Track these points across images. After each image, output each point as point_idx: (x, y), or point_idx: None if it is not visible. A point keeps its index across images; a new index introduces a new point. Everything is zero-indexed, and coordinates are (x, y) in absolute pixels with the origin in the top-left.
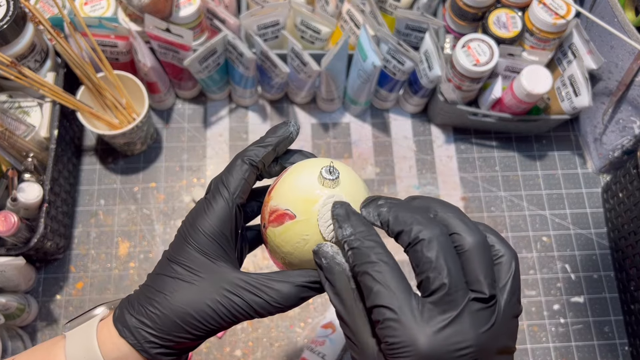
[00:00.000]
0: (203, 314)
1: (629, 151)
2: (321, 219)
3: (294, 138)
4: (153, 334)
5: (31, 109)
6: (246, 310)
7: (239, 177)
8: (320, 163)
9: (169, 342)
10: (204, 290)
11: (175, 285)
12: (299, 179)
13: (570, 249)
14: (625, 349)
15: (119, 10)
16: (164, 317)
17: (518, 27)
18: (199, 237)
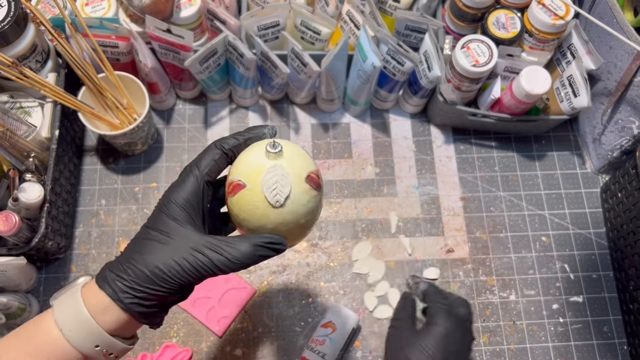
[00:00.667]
0: (170, 268)
1: (627, 151)
2: (265, 186)
3: (265, 139)
4: (127, 285)
5: (32, 109)
6: (208, 266)
7: (210, 158)
8: (269, 141)
9: (141, 293)
10: (173, 249)
11: (149, 245)
12: (249, 154)
13: (569, 248)
14: (624, 349)
15: (119, 11)
16: (137, 271)
17: (517, 27)
18: (171, 206)
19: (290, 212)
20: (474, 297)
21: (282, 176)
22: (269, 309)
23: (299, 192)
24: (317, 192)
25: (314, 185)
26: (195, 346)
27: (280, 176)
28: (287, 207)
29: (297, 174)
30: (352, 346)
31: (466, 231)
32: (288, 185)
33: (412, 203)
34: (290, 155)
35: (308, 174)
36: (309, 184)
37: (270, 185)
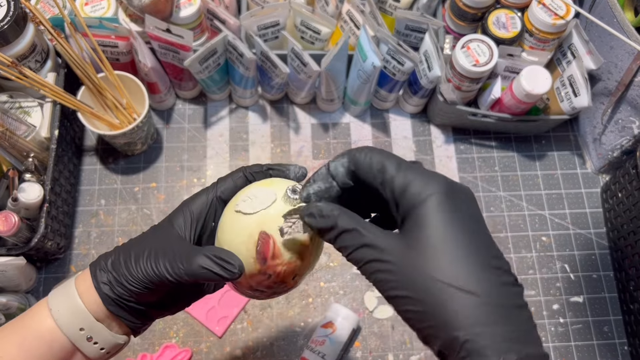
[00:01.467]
0: (129, 258)
1: (628, 151)
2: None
3: (288, 177)
4: (103, 264)
5: (32, 109)
6: (154, 266)
7: (231, 179)
8: (291, 184)
9: (110, 275)
10: (149, 243)
11: (140, 236)
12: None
13: (569, 248)
14: (624, 349)
15: (119, 10)
16: (114, 254)
17: (517, 27)
18: (174, 211)
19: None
20: None
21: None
22: (269, 309)
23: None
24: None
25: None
26: (195, 346)
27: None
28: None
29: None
30: (352, 346)
31: None
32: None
33: None
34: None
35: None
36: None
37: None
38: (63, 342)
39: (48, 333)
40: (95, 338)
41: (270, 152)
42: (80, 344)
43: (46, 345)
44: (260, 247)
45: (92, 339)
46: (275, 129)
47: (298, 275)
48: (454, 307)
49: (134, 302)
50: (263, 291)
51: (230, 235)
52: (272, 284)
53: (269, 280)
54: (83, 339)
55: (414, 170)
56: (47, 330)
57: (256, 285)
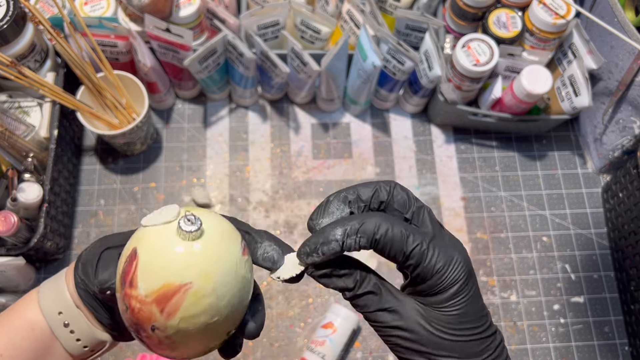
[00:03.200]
0: (91, 253)
1: (629, 151)
2: None
3: (255, 253)
4: (83, 252)
5: (31, 109)
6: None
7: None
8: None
9: (82, 260)
10: (110, 240)
11: (120, 233)
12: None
13: (570, 249)
14: (625, 349)
15: (118, 10)
16: (91, 244)
17: (518, 27)
18: None
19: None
20: None
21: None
22: (269, 309)
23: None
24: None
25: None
26: None
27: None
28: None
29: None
30: (352, 347)
31: (467, 231)
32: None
33: None
34: (203, 251)
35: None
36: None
37: None
38: (43, 326)
39: (32, 315)
40: (72, 325)
41: (270, 152)
42: (57, 329)
43: (29, 328)
44: (126, 266)
45: (68, 326)
46: (275, 128)
47: (159, 330)
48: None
49: (98, 297)
50: (127, 324)
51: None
52: (130, 322)
53: (126, 314)
54: (60, 325)
55: (438, 247)
56: (31, 312)
57: (122, 313)
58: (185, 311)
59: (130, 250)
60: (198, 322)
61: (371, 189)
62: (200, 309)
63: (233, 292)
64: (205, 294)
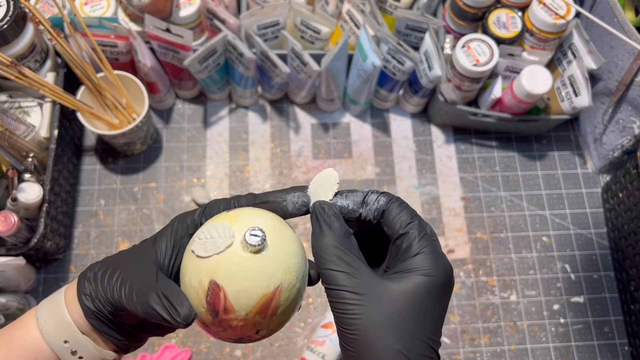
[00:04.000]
0: (111, 282)
1: (629, 151)
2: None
3: (286, 210)
4: (86, 273)
5: (31, 109)
6: (117, 296)
7: (222, 204)
8: (250, 226)
9: (89, 286)
10: (126, 263)
11: (124, 251)
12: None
13: (570, 249)
14: (625, 349)
15: (119, 10)
16: (97, 263)
17: (518, 27)
18: (164, 227)
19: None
20: (474, 297)
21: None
22: None
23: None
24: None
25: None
26: (194, 347)
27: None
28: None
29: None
30: None
31: (467, 231)
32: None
33: (412, 203)
34: (275, 252)
35: (261, 297)
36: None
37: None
38: (48, 354)
39: (33, 344)
40: (80, 352)
41: (270, 152)
42: (65, 357)
43: (31, 357)
44: (210, 299)
45: (76, 353)
46: (275, 128)
47: (263, 329)
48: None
49: (113, 320)
50: (227, 339)
51: (186, 276)
52: (232, 337)
53: (226, 332)
54: (67, 352)
55: (431, 245)
56: (33, 340)
57: (215, 335)
58: (283, 306)
59: (208, 284)
60: (292, 306)
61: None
62: (292, 296)
63: (304, 266)
64: (293, 285)
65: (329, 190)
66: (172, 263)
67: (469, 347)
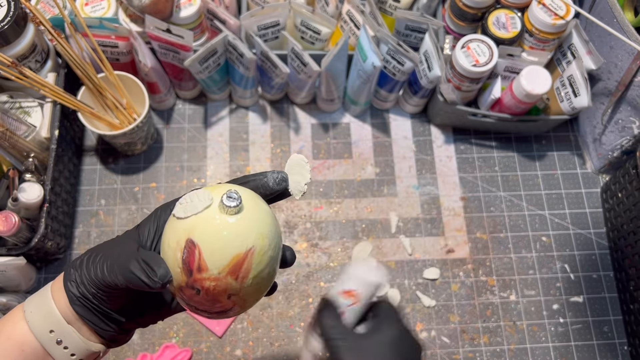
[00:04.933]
0: (95, 262)
1: (628, 151)
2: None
3: (268, 186)
4: (72, 263)
5: (32, 109)
6: (99, 270)
7: None
8: (228, 189)
9: (75, 273)
10: (110, 246)
11: (109, 240)
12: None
13: (569, 249)
14: (624, 349)
15: (119, 10)
16: (84, 255)
17: (517, 27)
18: (147, 216)
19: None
20: (474, 297)
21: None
22: (269, 309)
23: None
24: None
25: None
26: (195, 346)
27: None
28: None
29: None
30: None
31: (466, 231)
32: (204, 204)
33: (412, 203)
34: (250, 217)
35: (233, 257)
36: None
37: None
38: (34, 345)
39: (20, 335)
40: (65, 342)
41: (270, 152)
42: (50, 347)
43: (18, 349)
44: (186, 257)
45: (61, 343)
46: (275, 129)
47: (234, 295)
48: None
49: (97, 305)
50: (200, 310)
51: (165, 240)
52: (204, 302)
53: (199, 296)
54: (53, 342)
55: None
56: (19, 332)
57: (189, 300)
58: (255, 270)
59: (185, 242)
60: (264, 274)
61: None
62: (265, 263)
63: (278, 238)
64: (265, 250)
65: (304, 171)
66: (154, 245)
67: (469, 347)
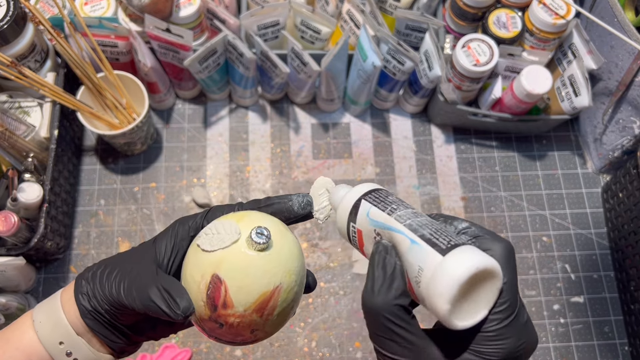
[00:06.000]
0: (110, 279)
1: (628, 151)
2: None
3: (292, 210)
4: (84, 274)
5: (31, 109)
6: (116, 294)
7: (226, 208)
8: (255, 226)
9: (87, 285)
10: (125, 261)
11: (123, 252)
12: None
13: (570, 249)
14: (625, 349)
15: (119, 10)
16: (97, 268)
17: (518, 27)
18: (165, 230)
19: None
20: None
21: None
22: None
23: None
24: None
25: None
26: (194, 347)
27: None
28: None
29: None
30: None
31: None
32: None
33: (412, 203)
34: (278, 253)
35: (259, 295)
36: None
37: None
38: (43, 355)
39: (29, 345)
40: (74, 354)
41: (270, 152)
42: (60, 358)
43: (26, 359)
44: (211, 292)
45: (71, 355)
46: (275, 128)
47: (258, 330)
48: None
49: (109, 320)
50: (219, 339)
51: (187, 270)
52: (226, 334)
53: (221, 329)
54: (62, 354)
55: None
56: (28, 342)
57: (210, 332)
58: (280, 307)
59: (210, 277)
60: (288, 308)
61: None
62: (290, 299)
63: (303, 271)
64: (292, 287)
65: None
66: (171, 263)
67: None
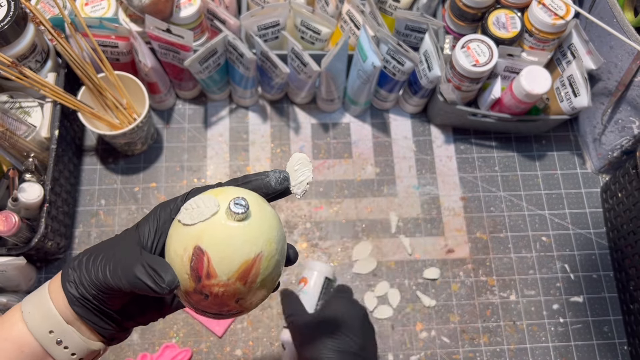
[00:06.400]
0: (95, 264)
1: (628, 151)
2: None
3: (270, 186)
4: (71, 263)
5: (32, 109)
6: (100, 273)
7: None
8: (235, 196)
9: (74, 273)
10: (110, 246)
11: (107, 239)
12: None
13: (569, 248)
14: (624, 349)
15: (119, 10)
16: (82, 255)
17: (517, 27)
18: (146, 215)
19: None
20: (474, 297)
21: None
22: (269, 309)
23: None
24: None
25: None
26: (195, 346)
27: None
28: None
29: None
30: None
31: (466, 231)
32: (211, 211)
33: (412, 203)
34: (258, 223)
35: (241, 263)
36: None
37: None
38: (33, 346)
39: (19, 336)
40: (65, 342)
41: (270, 152)
42: (50, 348)
43: (17, 350)
44: (194, 264)
45: (62, 343)
46: (275, 129)
47: (242, 299)
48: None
49: (97, 305)
50: (206, 312)
51: (171, 246)
52: (212, 306)
53: (206, 301)
54: (53, 343)
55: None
56: (18, 333)
57: (196, 304)
58: (263, 274)
59: (193, 250)
60: (271, 276)
61: None
62: (272, 266)
63: (283, 241)
64: (273, 254)
65: (306, 169)
66: (154, 245)
67: (469, 347)
